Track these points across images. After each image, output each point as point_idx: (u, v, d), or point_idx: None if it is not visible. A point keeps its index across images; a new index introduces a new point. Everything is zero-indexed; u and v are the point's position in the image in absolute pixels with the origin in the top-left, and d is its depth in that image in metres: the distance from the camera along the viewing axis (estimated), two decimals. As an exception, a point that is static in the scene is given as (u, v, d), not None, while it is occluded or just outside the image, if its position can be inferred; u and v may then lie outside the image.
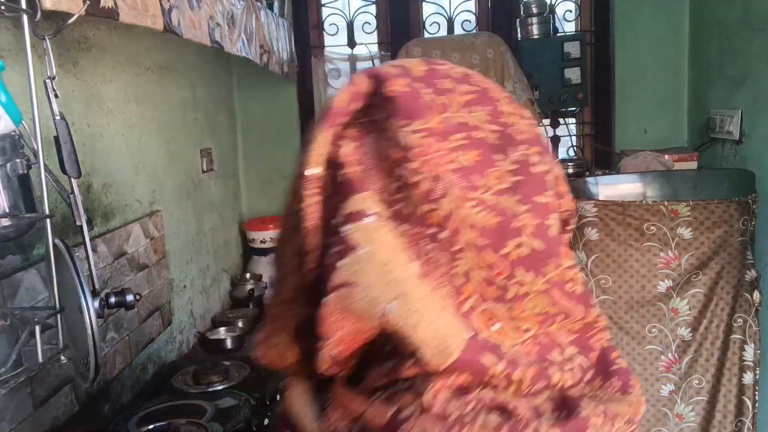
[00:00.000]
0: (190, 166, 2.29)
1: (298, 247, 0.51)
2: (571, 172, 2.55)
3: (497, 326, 0.50)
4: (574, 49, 2.75)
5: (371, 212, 0.48)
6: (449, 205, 0.47)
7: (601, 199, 2.20)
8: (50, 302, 1.05)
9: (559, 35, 2.91)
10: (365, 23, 3.07)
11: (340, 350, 0.50)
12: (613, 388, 0.53)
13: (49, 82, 0.92)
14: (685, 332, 2.19)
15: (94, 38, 1.59)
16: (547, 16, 2.79)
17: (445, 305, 0.48)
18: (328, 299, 0.48)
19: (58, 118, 0.93)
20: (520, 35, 2.82)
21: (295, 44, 2.85)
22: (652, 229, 2.16)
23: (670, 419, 2.22)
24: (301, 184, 0.50)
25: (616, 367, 0.54)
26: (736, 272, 2.16)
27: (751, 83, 2.30)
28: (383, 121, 0.49)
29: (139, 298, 1.72)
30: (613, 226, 2.17)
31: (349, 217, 0.48)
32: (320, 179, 0.50)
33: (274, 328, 0.57)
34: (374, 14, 3.08)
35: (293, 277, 0.54)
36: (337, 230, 0.48)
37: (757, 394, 2.19)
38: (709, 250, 2.15)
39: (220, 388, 1.59)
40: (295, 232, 0.51)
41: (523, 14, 2.81)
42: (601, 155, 3.02)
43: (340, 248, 0.47)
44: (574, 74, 2.76)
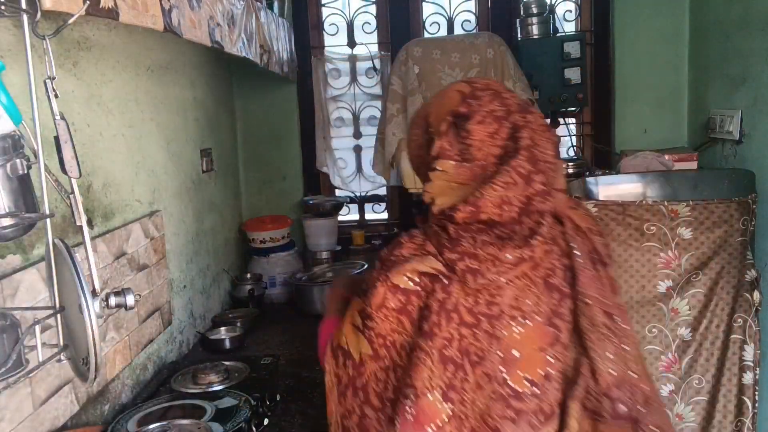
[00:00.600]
0: (190, 166, 2.29)
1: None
2: (571, 172, 2.55)
3: None
4: (574, 49, 2.75)
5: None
6: None
7: (601, 199, 2.20)
8: (50, 302, 1.05)
9: (559, 35, 2.91)
10: (365, 23, 3.07)
11: None
12: None
13: (49, 82, 0.92)
14: (685, 332, 2.19)
15: (94, 38, 1.59)
16: (547, 16, 2.79)
17: None
18: None
19: (58, 118, 0.93)
20: (520, 35, 2.82)
21: (295, 44, 2.85)
22: (652, 229, 2.16)
23: (669, 419, 2.21)
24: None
25: None
26: (736, 272, 2.15)
27: (751, 83, 2.30)
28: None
29: (139, 298, 1.73)
30: (613, 226, 2.17)
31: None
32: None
33: None
34: (374, 14, 3.08)
35: None
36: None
37: (757, 394, 2.19)
38: (709, 250, 2.15)
39: (219, 388, 1.59)
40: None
41: (523, 14, 2.81)
42: (601, 155, 3.03)
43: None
44: (574, 74, 2.76)
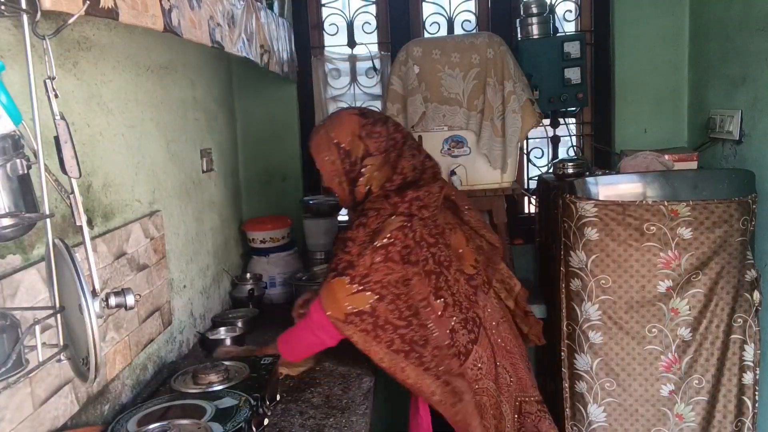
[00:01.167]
0: (190, 166, 2.29)
1: None
2: (571, 172, 2.55)
3: None
4: (574, 49, 2.75)
5: None
6: None
7: (601, 199, 2.20)
8: (50, 302, 1.05)
9: (559, 35, 2.91)
10: (365, 23, 3.07)
11: None
12: None
13: (49, 82, 0.92)
14: (685, 332, 2.19)
15: (94, 38, 1.59)
16: (547, 16, 2.79)
17: None
18: None
19: (58, 118, 0.93)
20: (520, 35, 2.82)
21: (295, 44, 2.85)
22: (652, 229, 2.16)
23: (670, 419, 2.22)
24: None
25: None
26: (736, 272, 2.16)
27: (751, 83, 2.30)
28: None
29: (139, 298, 1.73)
30: (613, 226, 2.17)
31: None
32: None
33: None
34: (374, 14, 3.08)
35: None
36: None
37: (757, 394, 2.19)
38: (709, 250, 2.15)
39: (220, 388, 1.59)
40: None
41: (523, 14, 2.81)
42: (601, 155, 3.03)
43: None
44: (574, 74, 2.76)
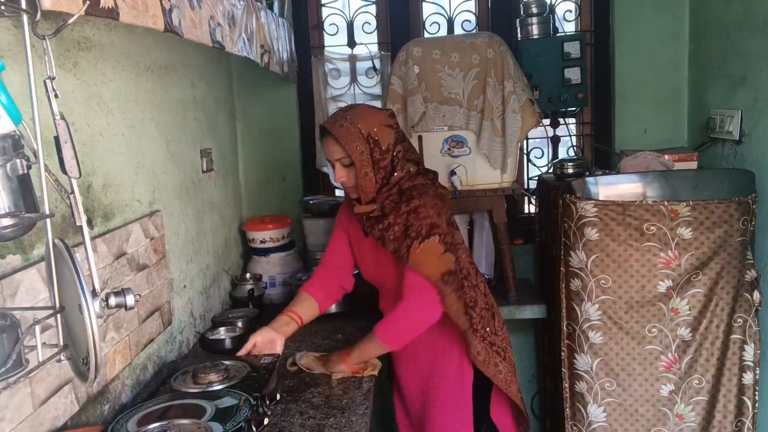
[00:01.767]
0: (190, 166, 2.29)
1: None
2: (571, 172, 2.55)
3: None
4: (574, 49, 2.75)
5: None
6: None
7: (601, 199, 2.20)
8: (50, 302, 1.05)
9: (559, 35, 2.91)
10: (365, 23, 3.07)
11: None
12: None
13: (49, 82, 0.92)
14: (685, 332, 2.19)
15: (94, 38, 1.59)
16: (547, 16, 2.79)
17: None
18: None
19: (58, 118, 0.93)
20: (520, 35, 2.82)
21: (295, 44, 2.85)
22: (652, 229, 2.16)
23: (670, 419, 2.22)
24: None
25: None
26: (736, 272, 2.16)
27: (751, 83, 2.30)
28: None
29: (139, 298, 1.73)
30: (613, 226, 2.17)
31: None
32: None
33: None
34: (374, 14, 3.08)
35: None
36: None
37: (757, 394, 2.19)
38: (709, 250, 2.15)
39: (219, 387, 1.59)
40: None
41: (523, 14, 2.81)
42: (601, 155, 3.03)
43: None
44: (574, 74, 2.76)
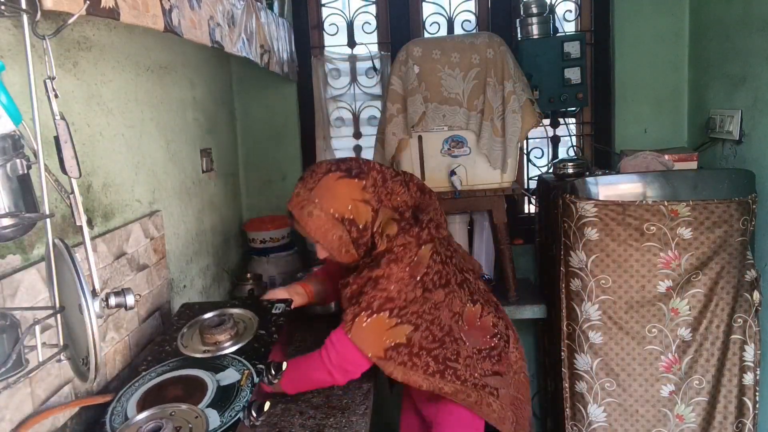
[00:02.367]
0: (190, 166, 2.29)
1: None
2: (571, 172, 2.55)
3: None
4: (574, 49, 2.75)
5: None
6: None
7: (601, 199, 2.20)
8: (50, 302, 1.05)
9: (559, 35, 2.91)
10: (365, 23, 3.07)
11: None
12: None
13: (49, 82, 0.92)
14: (685, 332, 2.19)
15: (94, 38, 1.59)
16: (547, 16, 2.79)
17: None
18: None
19: (58, 118, 0.93)
20: (520, 35, 2.82)
21: (295, 44, 2.85)
22: (652, 229, 2.16)
23: (670, 420, 2.22)
24: None
25: None
26: (736, 272, 2.16)
27: (751, 83, 2.30)
28: None
29: (139, 298, 1.73)
30: (613, 226, 2.17)
31: None
32: None
33: None
34: (374, 14, 3.08)
35: None
36: None
37: (757, 394, 2.19)
38: (709, 250, 2.15)
39: (226, 351, 1.53)
40: None
41: (523, 14, 2.81)
42: (601, 155, 3.03)
43: None
44: (574, 74, 2.76)
